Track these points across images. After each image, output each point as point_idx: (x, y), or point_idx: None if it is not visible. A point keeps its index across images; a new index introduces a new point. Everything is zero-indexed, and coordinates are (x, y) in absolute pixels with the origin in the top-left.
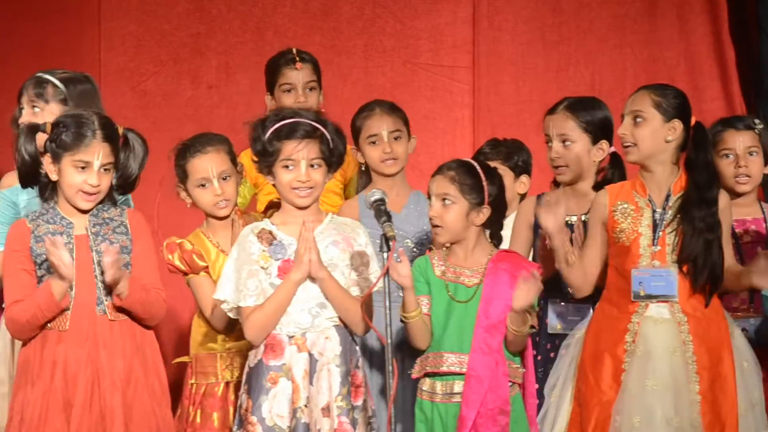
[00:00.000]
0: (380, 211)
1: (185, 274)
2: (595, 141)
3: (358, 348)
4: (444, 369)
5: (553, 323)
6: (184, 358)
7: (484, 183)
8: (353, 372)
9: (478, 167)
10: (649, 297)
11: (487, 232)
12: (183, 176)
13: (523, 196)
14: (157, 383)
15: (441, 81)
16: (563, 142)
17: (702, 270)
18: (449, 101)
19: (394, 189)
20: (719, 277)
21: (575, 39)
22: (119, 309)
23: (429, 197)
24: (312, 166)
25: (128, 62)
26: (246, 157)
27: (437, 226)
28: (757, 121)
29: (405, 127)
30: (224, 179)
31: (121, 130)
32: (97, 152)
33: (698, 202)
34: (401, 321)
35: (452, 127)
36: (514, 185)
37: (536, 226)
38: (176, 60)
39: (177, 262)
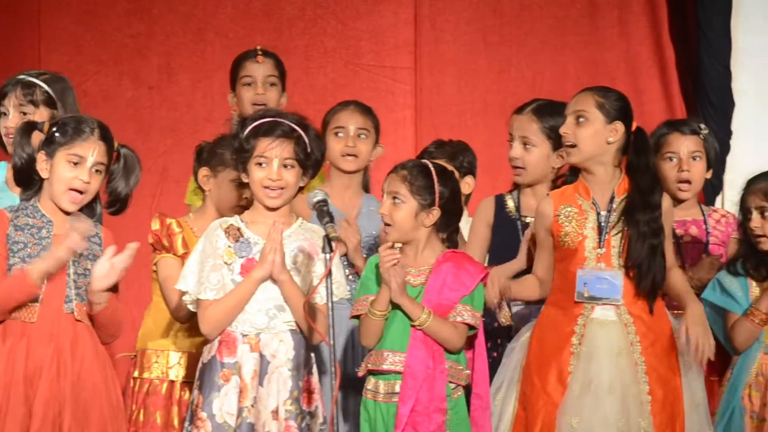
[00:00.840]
0: (322, 212)
1: (164, 250)
2: (556, 147)
3: (313, 354)
4: (384, 367)
5: (516, 325)
6: (129, 354)
7: (436, 185)
8: (306, 378)
9: (432, 169)
10: (593, 299)
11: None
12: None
13: (467, 197)
14: (113, 393)
15: (383, 82)
16: (524, 144)
17: (646, 276)
18: (391, 102)
19: (350, 189)
20: (660, 283)
21: (516, 40)
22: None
23: (383, 195)
24: (285, 166)
25: (68, 62)
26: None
27: (387, 224)
28: (702, 126)
29: (374, 130)
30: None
31: (115, 145)
32: (93, 149)
33: (642, 206)
34: (354, 317)
35: (394, 127)
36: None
37: (495, 226)
38: (117, 60)
39: (163, 237)
